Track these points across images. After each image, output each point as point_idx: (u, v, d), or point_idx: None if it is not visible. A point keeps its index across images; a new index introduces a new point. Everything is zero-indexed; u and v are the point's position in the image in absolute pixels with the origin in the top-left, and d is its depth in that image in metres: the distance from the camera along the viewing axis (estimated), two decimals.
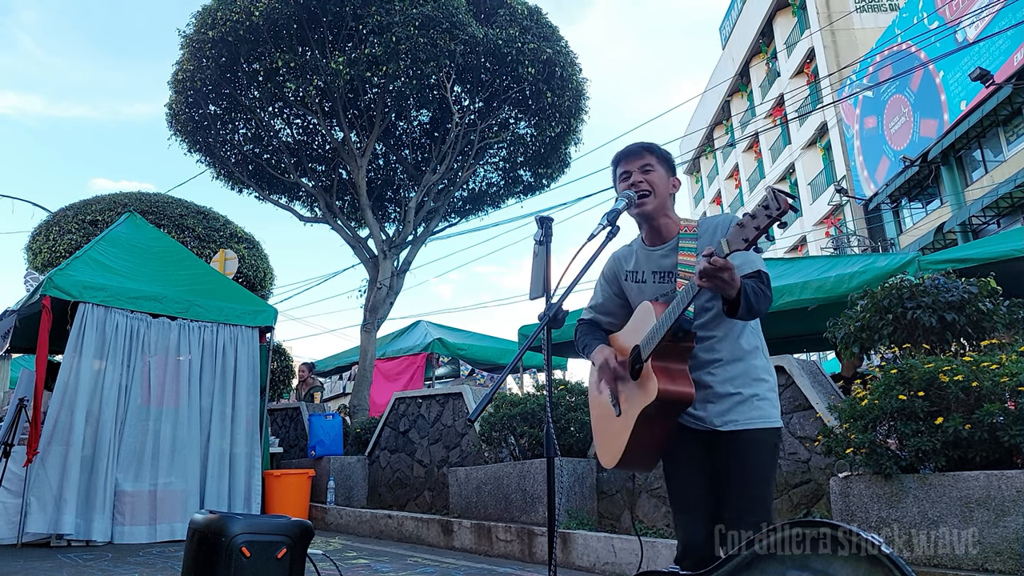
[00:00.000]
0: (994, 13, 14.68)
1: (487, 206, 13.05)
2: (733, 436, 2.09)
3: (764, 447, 2.10)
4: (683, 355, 2.09)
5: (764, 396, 2.14)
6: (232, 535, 2.89)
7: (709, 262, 1.84)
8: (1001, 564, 3.32)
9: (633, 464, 2.23)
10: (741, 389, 2.12)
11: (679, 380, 2.06)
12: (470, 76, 10.75)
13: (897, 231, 22.29)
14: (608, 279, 2.44)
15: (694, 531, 2.12)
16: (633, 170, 2.26)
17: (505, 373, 2.43)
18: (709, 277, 1.86)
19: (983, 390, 3.58)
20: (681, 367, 2.09)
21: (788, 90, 27.44)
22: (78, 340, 6.58)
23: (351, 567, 5.24)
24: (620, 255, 2.42)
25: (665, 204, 2.26)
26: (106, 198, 12.46)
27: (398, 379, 12.15)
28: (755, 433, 2.09)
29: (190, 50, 10.43)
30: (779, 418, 2.17)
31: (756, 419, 2.10)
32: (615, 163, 2.34)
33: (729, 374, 2.14)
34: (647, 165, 2.25)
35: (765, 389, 2.16)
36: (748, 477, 2.06)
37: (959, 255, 6.27)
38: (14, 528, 6.05)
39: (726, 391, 2.12)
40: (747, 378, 2.15)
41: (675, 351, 2.07)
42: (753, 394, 2.13)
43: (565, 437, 6.22)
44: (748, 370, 2.16)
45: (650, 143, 2.33)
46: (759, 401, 2.13)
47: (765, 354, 2.24)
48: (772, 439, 2.13)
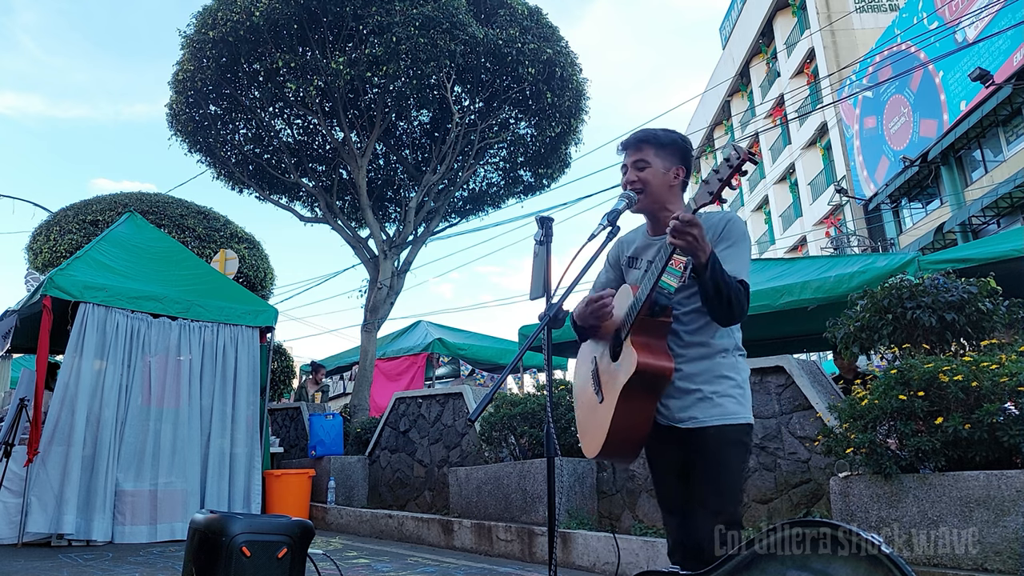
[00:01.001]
0: (994, 13, 14.68)
1: (487, 206, 13.05)
2: (694, 433, 2.07)
3: (726, 443, 2.06)
4: (661, 330, 2.09)
5: (726, 393, 2.10)
6: (233, 535, 2.90)
7: (677, 218, 1.87)
8: (1001, 564, 3.32)
9: (615, 451, 2.16)
10: (702, 386, 2.10)
11: (658, 354, 2.05)
12: (470, 76, 10.76)
13: (897, 231, 22.29)
14: (611, 263, 2.44)
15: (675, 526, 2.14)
16: (628, 165, 2.26)
17: (505, 373, 2.43)
18: (678, 233, 1.88)
19: (983, 390, 3.58)
20: (660, 342, 2.09)
21: (788, 90, 27.44)
22: (79, 340, 6.59)
23: (351, 567, 5.24)
24: (625, 239, 2.43)
25: (661, 197, 2.22)
26: (107, 198, 12.47)
27: (400, 379, 12.16)
28: (717, 430, 2.06)
29: (190, 50, 10.43)
30: (746, 415, 2.12)
31: (716, 416, 2.07)
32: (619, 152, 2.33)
33: (692, 370, 2.12)
34: (640, 161, 2.23)
35: (728, 386, 2.12)
36: (709, 474, 2.04)
37: (959, 255, 6.28)
38: (15, 528, 6.06)
39: (687, 387, 2.11)
40: (709, 375, 2.12)
41: (653, 326, 2.08)
42: (714, 391, 2.10)
43: (565, 437, 6.23)
44: (712, 367, 2.13)
45: (650, 132, 2.28)
46: (720, 398, 2.09)
47: (736, 352, 2.19)
48: (736, 435, 2.08)
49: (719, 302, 2.00)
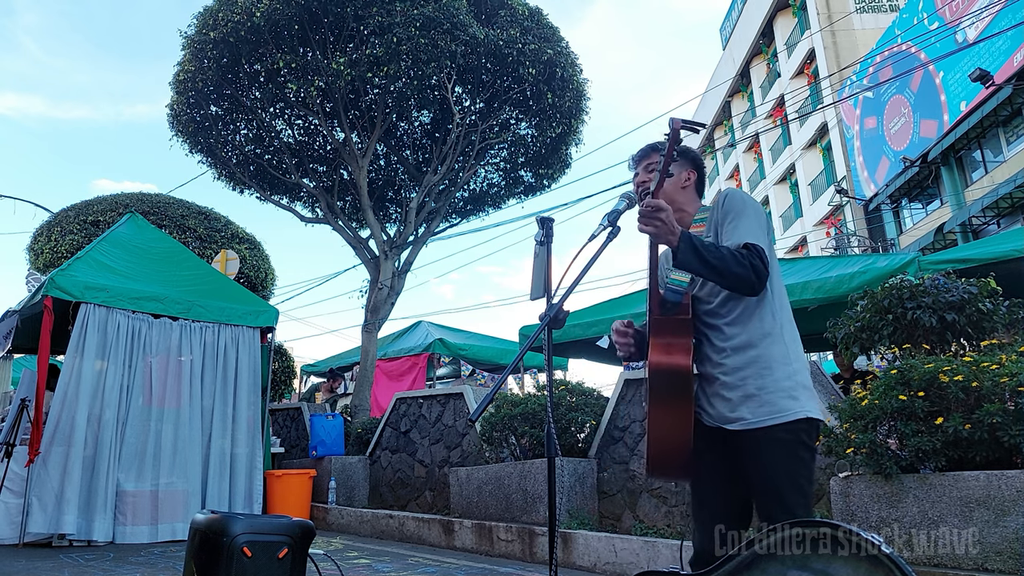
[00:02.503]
0: (994, 14, 14.68)
1: (488, 206, 13.06)
2: (743, 436, 1.94)
3: (780, 445, 1.89)
4: (681, 328, 1.99)
5: (773, 388, 1.93)
6: (234, 535, 2.90)
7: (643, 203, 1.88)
8: (1001, 564, 3.32)
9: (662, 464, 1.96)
10: (747, 382, 1.95)
11: (673, 352, 1.94)
12: (471, 77, 10.76)
13: (897, 231, 22.29)
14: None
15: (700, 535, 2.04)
16: (639, 170, 2.31)
17: (506, 373, 2.44)
18: (645, 219, 1.87)
19: (983, 390, 3.59)
20: (680, 340, 1.96)
21: (788, 91, 27.45)
22: (80, 340, 6.60)
23: (352, 567, 5.25)
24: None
25: (674, 199, 2.22)
26: (107, 199, 12.48)
27: (402, 379, 12.16)
28: (767, 431, 1.90)
29: (191, 51, 10.45)
30: (801, 409, 1.92)
31: (766, 416, 1.91)
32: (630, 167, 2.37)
33: (735, 364, 1.98)
34: (651, 163, 2.27)
35: (776, 379, 1.94)
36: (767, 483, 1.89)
37: (959, 255, 6.28)
38: (16, 528, 6.07)
39: (732, 384, 1.97)
40: (756, 367, 1.96)
41: (671, 325, 1.99)
42: (760, 387, 1.93)
43: (566, 437, 6.23)
44: (757, 359, 1.96)
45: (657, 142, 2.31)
46: (768, 395, 1.92)
47: (787, 338, 2.02)
48: (790, 435, 1.90)
49: (717, 277, 1.91)
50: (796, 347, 2.06)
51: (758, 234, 2.01)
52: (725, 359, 2.01)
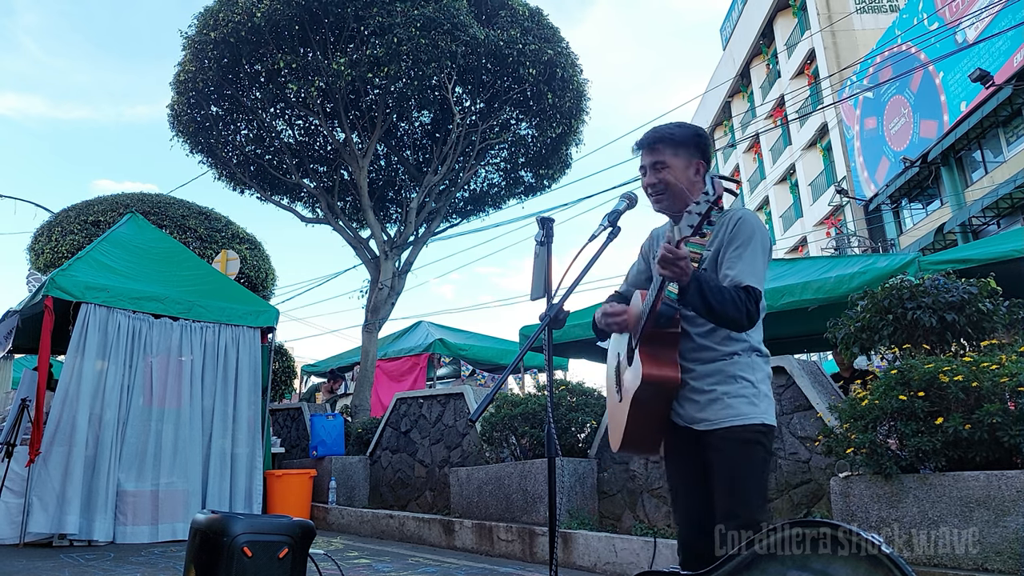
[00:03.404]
0: (994, 14, 14.68)
1: (488, 207, 13.05)
2: (708, 436, 2.08)
3: (739, 445, 2.03)
4: (669, 340, 2.12)
5: (738, 394, 2.07)
6: (234, 535, 2.90)
7: (664, 249, 1.89)
8: (1001, 564, 3.33)
9: (634, 447, 2.27)
10: (715, 387, 2.09)
11: (664, 365, 2.09)
12: (471, 77, 10.76)
13: (897, 232, 22.29)
14: (643, 255, 2.43)
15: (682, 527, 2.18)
16: (647, 167, 2.23)
17: (506, 373, 2.44)
18: (665, 264, 1.90)
19: (983, 390, 3.59)
20: (668, 351, 2.11)
21: (789, 91, 27.44)
22: (80, 340, 6.60)
23: (353, 567, 5.25)
24: (657, 233, 2.42)
25: (684, 194, 2.17)
26: (108, 199, 12.49)
27: (403, 380, 12.17)
28: (729, 431, 2.04)
29: (192, 51, 10.45)
30: (760, 415, 2.07)
31: (727, 417, 2.05)
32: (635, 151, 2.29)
33: (706, 371, 2.12)
34: (659, 162, 2.19)
35: (740, 387, 2.09)
36: (725, 477, 2.03)
37: (959, 255, 6.28)
38: (16, 528, 6.07)
39: (700, 389, 2.11)
40: (722, 375, 2.10)
41: (661, 336, 2.11)
42: (725, 392, 2.08)
43: (566, 437, 6.24)
44: (725, 368, 2.11)
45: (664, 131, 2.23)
46: (731, 399, 2.07)
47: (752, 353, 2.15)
48: (749, 436, 2.04)
49: (713, 317, 2.02)
50: (763, 361, 2.18)
51: (760, 275, 2.10)
52: (697, 366, 2.14)
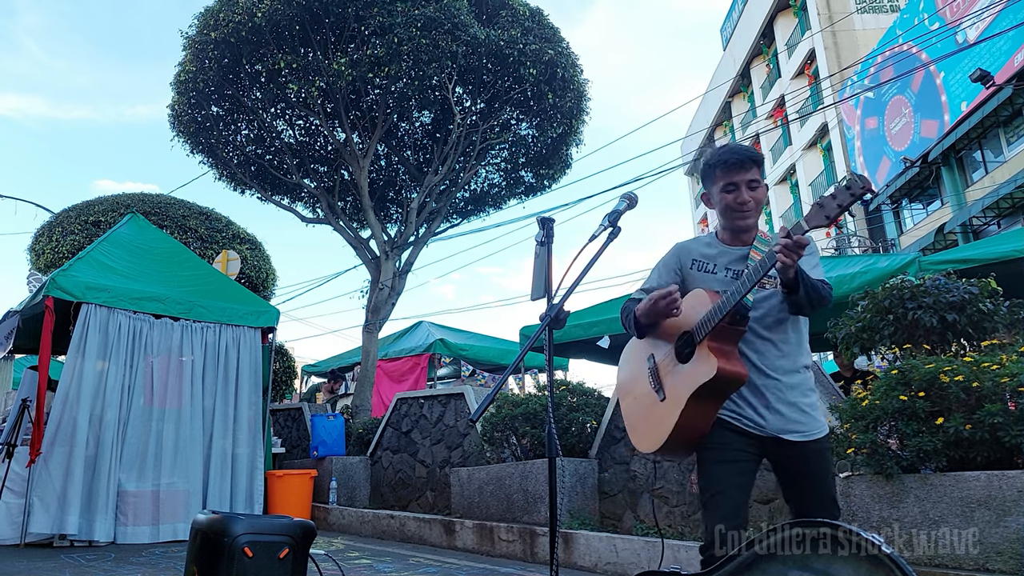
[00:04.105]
0: (995, 14, 14.67)
1: (489, 207, 13.05)
2: (801, 446, 2.18)
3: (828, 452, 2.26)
4: (736, 338, 2.17)
5: (817, 406, 2.26)
6: (235, 535, 2.90)
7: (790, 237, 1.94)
8: (1002, 564, 3.33)
9: (676, 448, 2.28)
10: (799, 400, 2.21)
11: (734, 361, 2.14)
12: (472, 77, 10.76)
13: (898, 232, 22.27)
14: (670, 266, 2.42)
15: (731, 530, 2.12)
16: (740, 184, 2.24)
17: (507, 374, 2.44)
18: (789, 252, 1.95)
19: (984, 390, 3.59)
20: (734, 349, 2.16)
21: (789, 91, 27.42)
22: (81, 341, 6.61)
23: (353, 567, 5.25)
24: (690, 246, 2.42)
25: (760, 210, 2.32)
26: (109, 199, 12.49)
27: (404, 380, 12.17)
28: (821, 442, 2.21)
29: (192, 51, 10.45)
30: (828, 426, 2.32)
31: (816, 429, 2.21)
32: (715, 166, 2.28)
33: (792, 382, 2.21)
34: (754, 181, 2.26)
35: (815, 399, 2.27)
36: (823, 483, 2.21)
37: (960, 256, 6.27)
38: (17, 528, 6.07)
39: (787, 400, 2.20)
40: (804, 388, 2.24)
41: (730, 334, 2.15)
42: (810, 405, 2.23)
43: (567, 437, 6.23)
44: (806, 380, 2.25)
45: (755, 153, 2.34)
46: (815, 412, 2.23)
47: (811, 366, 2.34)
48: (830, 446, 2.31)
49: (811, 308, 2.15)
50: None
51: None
52: (782, 376, 2.22)
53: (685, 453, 2.33)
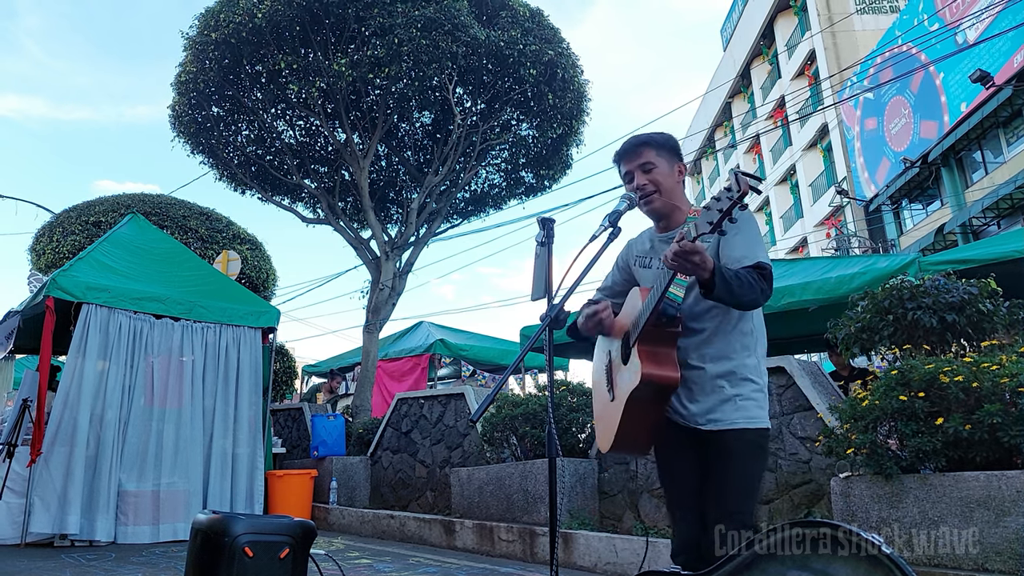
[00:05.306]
0: (994, 15, 14.69)
1: (489, 207, 13.06)
2: (716, 435, 2.08)
3: (747, 447, 2.07)
4: (669, 340, 2.09)
5: (749, 396, 2.10)
6: (235, 535, 2.91)
7: (679, 245, 1.85)
8: (1001, 564, 3.33)
9: (626, 448, 2.25)
10: (725, 388, 2.09)
11: (664, 364, 2.05)
12: (472, 78, 10.77)
13: (898, 232, 22.28)
14: (620, 265, 2.47)
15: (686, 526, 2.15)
16: (634, 171, 2.24)
17: (507, 374, 2.45)
18: (678, 259, 1.86)
19: (983, 391, 3.59)
20: (668, 351, 2.08)
21: (789, 92, 27.43)
22: (82, 341, 6.61)
23: (353, 567, 5.26)
24: (634, 242, 2.45)
25: (673, 195, 2.24)
26: (109, 199, 12.50)
27: (405, 380, 12.18)
28: (738, 433, 2.06)
29: (193, 52, 10.46)
30: (766, 420, 2.12)
31: (739, 419, 2.07)
32: (616, 162, 2.32)
33: (715, 371, 2.11)
34: (647, 163, 2.22)
35: (751, 390, 2.12)
36: (729, 477, 2.05)
37: (959, 256, 6.28)
38: (18, 528, 6.08)
39: (710, 389, 2.11)
40: (734, 377, 2.11)
41: (661, 335, 2.08)
42: (736, 394, 2.09)
43: (567, 437, 6.24)
44: (736, 369, 2.12)
45: (645, 136, 2.29)
46: (743, 401, 2.09)
47: (759, 355, 2.19)
48: (756, 439, 2.09)
49: (737, 304, 2.02)
50: (764, 361, 2.21)
51: (763, 248, 2.11)
52: (707, 364, 2.13)
53: (639, 452, 2.30)
